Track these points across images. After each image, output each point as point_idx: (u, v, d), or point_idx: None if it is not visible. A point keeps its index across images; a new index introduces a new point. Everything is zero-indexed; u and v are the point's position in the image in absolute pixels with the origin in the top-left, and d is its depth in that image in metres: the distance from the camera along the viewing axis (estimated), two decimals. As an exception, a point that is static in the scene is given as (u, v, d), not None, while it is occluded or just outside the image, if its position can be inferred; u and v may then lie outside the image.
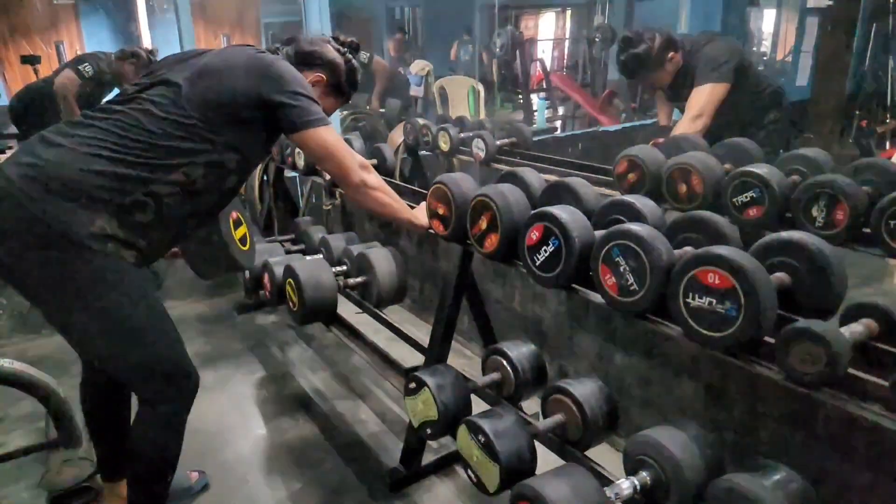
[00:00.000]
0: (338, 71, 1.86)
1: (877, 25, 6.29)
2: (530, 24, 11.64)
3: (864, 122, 6.10)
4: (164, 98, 1.51)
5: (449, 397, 1.71)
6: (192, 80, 1.53)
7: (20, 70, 7.04)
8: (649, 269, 1.23)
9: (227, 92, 1.53)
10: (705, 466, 1.26)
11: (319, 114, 1.63)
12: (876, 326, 1.19)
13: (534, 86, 8.98)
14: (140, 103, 1.51)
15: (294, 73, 1.62)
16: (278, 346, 3.15)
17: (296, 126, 1.60)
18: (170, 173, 1.49)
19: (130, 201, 1.44)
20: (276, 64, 1.60)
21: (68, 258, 1.39)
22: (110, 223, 1.42)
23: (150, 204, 1.47)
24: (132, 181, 1.44)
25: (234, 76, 1.55)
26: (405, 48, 7.54)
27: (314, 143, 1.64)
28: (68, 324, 1.53)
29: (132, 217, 1.46)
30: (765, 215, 1.85)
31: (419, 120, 3.57)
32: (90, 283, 1.43)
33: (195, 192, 1.55)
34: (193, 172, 1.52)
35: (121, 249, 1.45)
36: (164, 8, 7.90)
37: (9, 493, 2.07)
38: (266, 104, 1.56)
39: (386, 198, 1.80)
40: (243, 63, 1.57)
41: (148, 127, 1.47)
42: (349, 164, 1.70)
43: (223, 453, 2.29)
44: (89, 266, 1.41)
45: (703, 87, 2.61)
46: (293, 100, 1.57)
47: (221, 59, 1.59)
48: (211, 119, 1.52)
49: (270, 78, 1.56)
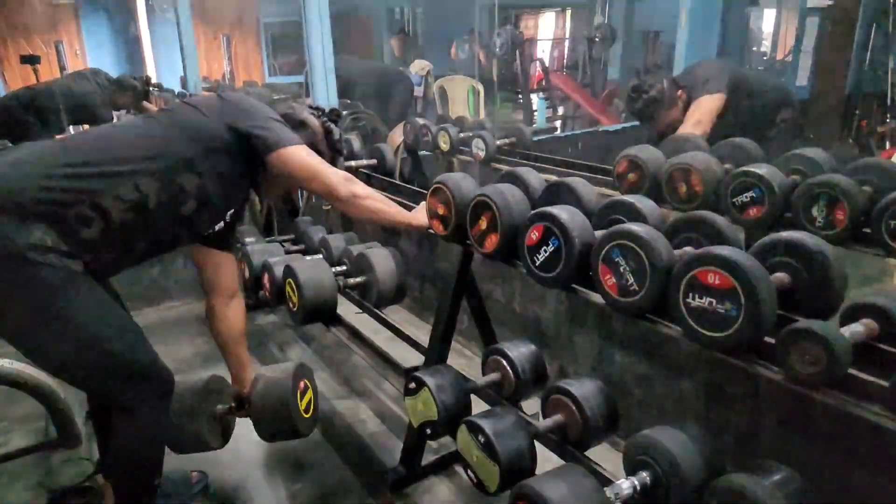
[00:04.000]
0: (314, 134, 1.87)
1: (877, 25, 6.28)
2: (530, 23, 11.64)
3: (864, 122, 6.10)
4: (135, 121, 1.56)
5: (449, 397, 1.71)
6: (167, 110, 1.62)
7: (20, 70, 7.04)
8: (649, 269, 1.23)
9: (200, 117, 1.61)
10: (705, 466, 1.26)
11: (292, 135, 1.68)
12: (876, 326, 1.19)
13: (534, 86, 8.97)
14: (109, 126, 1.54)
15: (263, 106, 1.71)
16: (278, 346, 3.15)
17: (270, 146, 1.63)
18: (119, 184, 1.45)
19: (73, 214, 1.39)
20: (245, 101, 1.69)
21: (9, 270, 1.35)
22: (49, 235, 1.37)
23: (94, 219, 1.42)
24: (76, 192, 1.40)
25: (209, 113, 1.63)
26: (409, 48, 7.54)
27: (294, 162, 1.66)
28: (23, 341, 1.46)
29: (76, 231, 1.40)
30: (765, 215, 1.85)
31: (419, 120, 3.57)
32: (36, 295, 1.37)
33: (147, 210, 1.50)
34: (146, 186, 1.48)
35: (64, 259, 1.39)
36: (164, 8, 7.90)
37: (9, 493, 2.07)
38: (236, 131, 1.61)
39: (379, 204, 1.80)
40: (217, 102, 1.67)
41: (106, 133, 1.51)
42: (333, 179, 1.71)
43: (223, 453, 2.29)
44: (31, 277, 1.36)
45: (699, 99, 2.71)
46: (264, 123, 1.65)
47: (198, 101, 1.69)
48: (177, 135, 1.56)
49: (241, 110, 1.65)
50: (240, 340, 1.95)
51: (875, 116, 6.09)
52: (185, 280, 3.61)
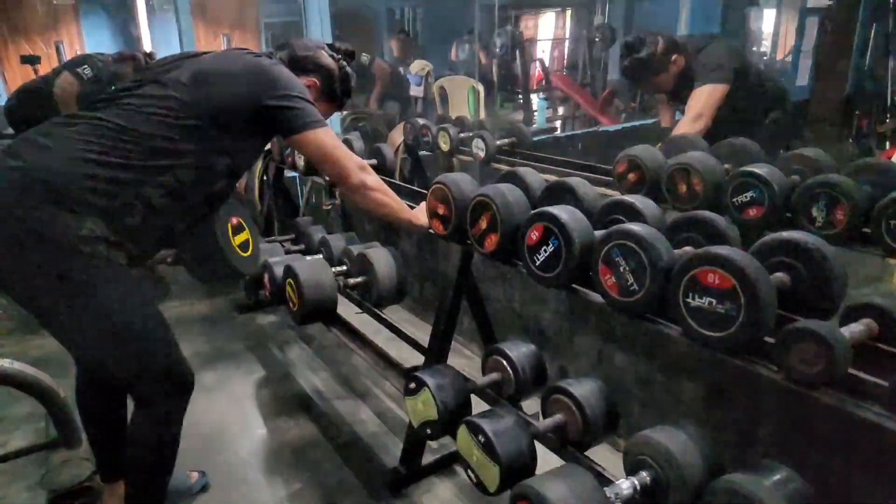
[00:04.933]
0: (331, 77, 1.87)
1: (877, 25, 6.28)
2: (530, 24, 11.63)
3: (863, 122, 6.10)
4: (157, 98, 1.51)
5: (449, 397, 1.71)
6: (189, 83, 1.54)
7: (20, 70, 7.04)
8: (649, 269, 1.23)
9: (225, 98, 1.55)
10: (705, 466, 1.26)
11: (317, 116, 1.65)
12: (876, 326, 1.19)
13: (534, 86, 8.97)
14: (130, 103, 1.50)
15: (290, 76, 1.65)
16: (278, 347, 3.15)
17: (294, 129, 1.61)
18: (159, 175, 1.48)
19: (119, 204, 1.43)
20: (273, 69, 1.62)
21: (59, 262, 1.38)
22: (98, 225, 1.41)
23: (138, 207, 1.46)
24: (121, 184, 1.43)
25: (232, 82, 1.57)
26: (408, 48, 7.53)
27: (313, 145, 1.65)
28: (62, 327, 1.52)
29: (121, 220, 1.45)
30: (765, 215, 1.85)
31: (419, 120, 3.57)
32: (82, 285, 1.42)
33: (183, 195, 1.54)
34: (183, 175, 1.52)
35: (111, 251, 1.44)
36: (164, 8, 7.90)
37: (9, 493, 2.07)
38: (264, 108, 1.58)
39: (385, 198, 1.80)
40: (241, 69, 1.60)
41: (138, 128, 1.46)
42: (348, 165, 1.71)
43: (223, 453, 2.29)
44: (80, 269, 1.40)
45: (702, 88, 2.62)
46: (291, 102, 1.60)
47: (219, 64, 1.61)
48: (206, 123, 1.53)
49: (267, 82, 1.59)
50: None
51: (875, 116, 6.09)
52: (185, 280, 3.61)
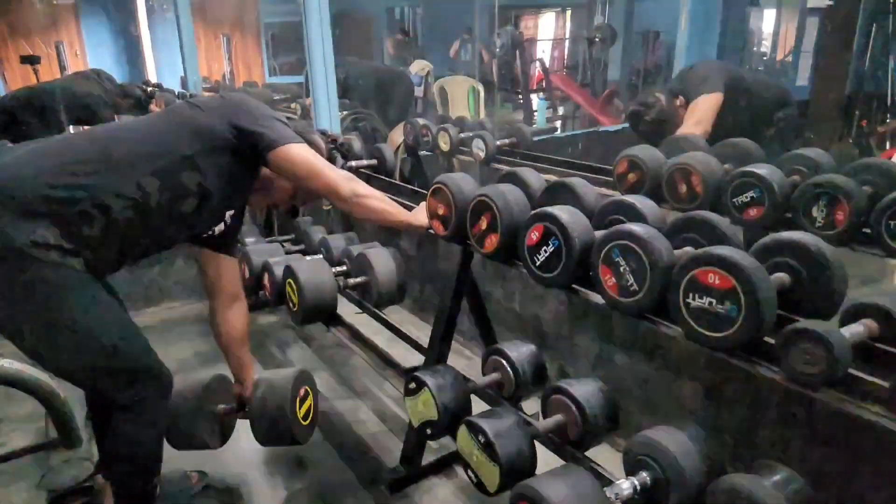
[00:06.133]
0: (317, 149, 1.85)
1: (877, 26, 6.28)
2: (530, 24, 11.64)
3: (864, 122, 6.09)
4: (134, 118, 1.57)
5: (449, 398, 1.71)
6: (170, 110, 1.65)
7: (20, 70, 7.04)
8: (649, 269, 1.23)
9: (199, 120, 1.62)
10: (705, 466, 1.26)
11: (295, 135, 1.69)
12: (876, 326, 1.19)
13: (534, 86, 8.98)
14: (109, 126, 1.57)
15: (267, 107, 1.73)
16: (278, 347, 3.15)
17: (273, 143, 1.64)
18: (122, 182, 1.46)
19: (76, 212, 1.40)
20: (249, 99, 1.71)
21: (10, 267, 1.36)
22: (51, 232, 1.38)
23: (96, 217, 1.43)
24: (78, 190, 1.41)
25: (211, 112, 1.64)
26: (404, 48, 7.54)
27: (297, 159, 1.67)
28: (21, 336, 1.46)
29: (77, 229, 1.41)
30: (765, 215, 1.85)
31: (419, 120, 3.57)
32: (35, 291, 1.38)
33: (148, 210, 1.50)
34: (148, 184, 1.49)
35: (66, 257, 1.40)
36: (164, 8, 7.90)
37: (9, 493, 2.07)
38: (239, 129, 1.62)
39: (380, 203, 1.80)
40: (219, 101, 1.71)
41: (109, 131, 1.52)
42: (335, 177, 1.72)
43: (223, 453, 2.28)
44: (32, 275, 1.36)
45: (696, 100, 2.72)
46: (268, 122, 1.66)
47: (200, 101, 1.72)
48: (179, 133, 1.57)
49: (243, 109, 1.67)
50: (242, 343, 1.95)
51: (875, 116, 6.09)
52: (185, 280, 3.61)
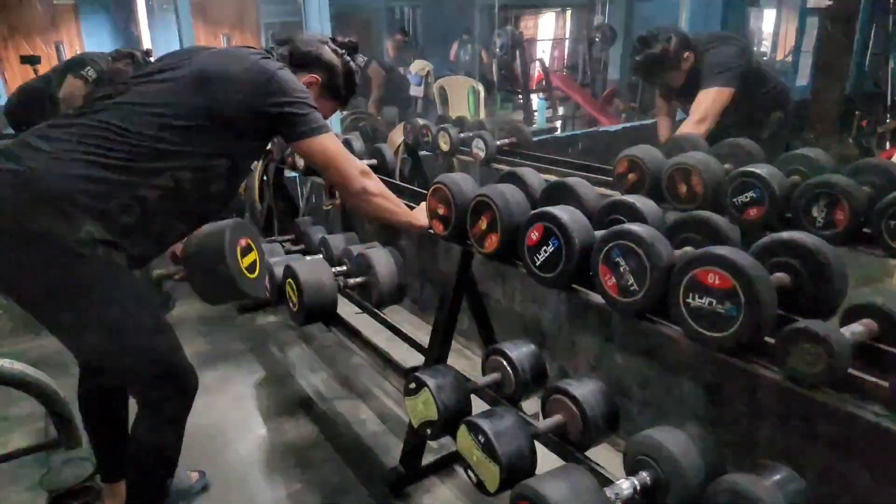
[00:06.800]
0: (335, 73, 1.84)
1: (877, 26, 6.28)
2: (530, 24, 11.63)
3: (864, 122, 6.09)
4: (156, 98, 1.49)
5: (449, 397, 1.71)
6: (190, 84, 1.51)
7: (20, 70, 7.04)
8: (649, 269, 1.23)
9: (227, 102, 1.52)
10: (705, 466, 1.26)
11: (321, 121, 1.64)
12: (876, 326, 1.19)
13: (534, 86, 8.97)
14: (130, 101, 1.49)
15: (295, 82, 1.62)
16: (278, 347, 3.15)
17: (297, 135, 1.61)
18: (157, 177, 1.47)
19: (116, 205, 1.42)
20: (277, 74, 1.58)
21: (59, 265, 1.38)
22: (96, 227, 1.39)
23: (134, 207, 1.45)
24: (118, 185, 1.42)
25: (234, 86, 1.53)
26: (405, 48, 7.53)
27: (317, 152, 1.65)
28: (65, 329, 1.51)
29: (117, 220, 1.43)
30: (765, 215, 1.85)
31: (419, 120, 3.57)
32: (83, 288, 1.41)
33: (181, 196, 1.52)
34: (181, 176, 1.50)
35: (111, 252, 1.43)
36: (164, 8, 7.90)
37: (9, 493, 2.07)
38: (266, 114, 1.57)
39: (387, 203, 1.80)
40: (244, 71, 1.55)
41: (135, 129, 1.45)
42: (350, 171, 1.71)
43: (223, 453, 2.29)
44: (81, 272, 1.40)
45: (708, 90, 2.63)
46: (294, 108, 1.58)
47: (222, 65, 1.56)
48: (206, 125, 1.51)
49: (272, 90, 1.56)
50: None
51: (875, 116, 6.09)
52: (185, 281, 3.61)
